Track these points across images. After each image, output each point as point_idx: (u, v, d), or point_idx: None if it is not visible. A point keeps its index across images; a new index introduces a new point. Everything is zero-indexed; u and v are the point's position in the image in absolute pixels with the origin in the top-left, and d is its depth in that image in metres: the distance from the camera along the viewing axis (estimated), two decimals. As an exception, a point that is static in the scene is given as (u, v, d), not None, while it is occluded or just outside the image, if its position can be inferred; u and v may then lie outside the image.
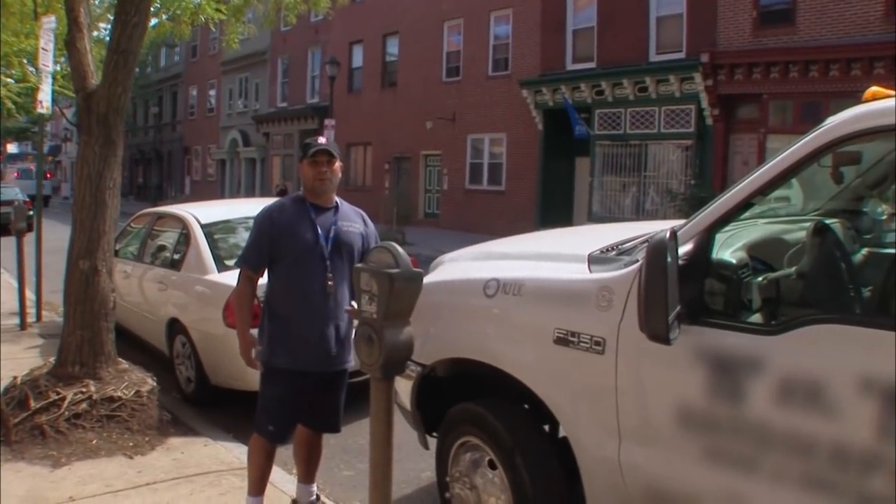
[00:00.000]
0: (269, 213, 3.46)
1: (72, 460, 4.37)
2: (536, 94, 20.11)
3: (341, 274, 3.44)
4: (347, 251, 3.47)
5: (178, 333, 6.07)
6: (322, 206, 3.47)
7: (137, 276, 7.00)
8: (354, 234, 3.52)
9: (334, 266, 3.41)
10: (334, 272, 3.40)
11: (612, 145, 18.49)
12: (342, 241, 3.45)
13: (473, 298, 3.16)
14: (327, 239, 3.40)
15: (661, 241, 2.23)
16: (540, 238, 4.57)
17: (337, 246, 3.43)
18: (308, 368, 3.40)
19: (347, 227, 3.50)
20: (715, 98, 16.13)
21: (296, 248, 3.36)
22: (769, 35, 15.35)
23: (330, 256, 3.39)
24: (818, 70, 14.48)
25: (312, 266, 3.37)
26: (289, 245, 3.37)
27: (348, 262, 3.47)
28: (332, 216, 3.48)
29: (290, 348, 3.37)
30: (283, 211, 3.45)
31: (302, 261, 3.36)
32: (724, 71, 15.85)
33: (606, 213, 18.43)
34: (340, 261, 3.44)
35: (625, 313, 2.57)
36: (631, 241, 3.18)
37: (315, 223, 3.41)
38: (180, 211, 6.79)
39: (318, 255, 3.38)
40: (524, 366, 2.95)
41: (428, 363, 3.40)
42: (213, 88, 39.96)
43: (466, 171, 23.34)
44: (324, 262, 3.38)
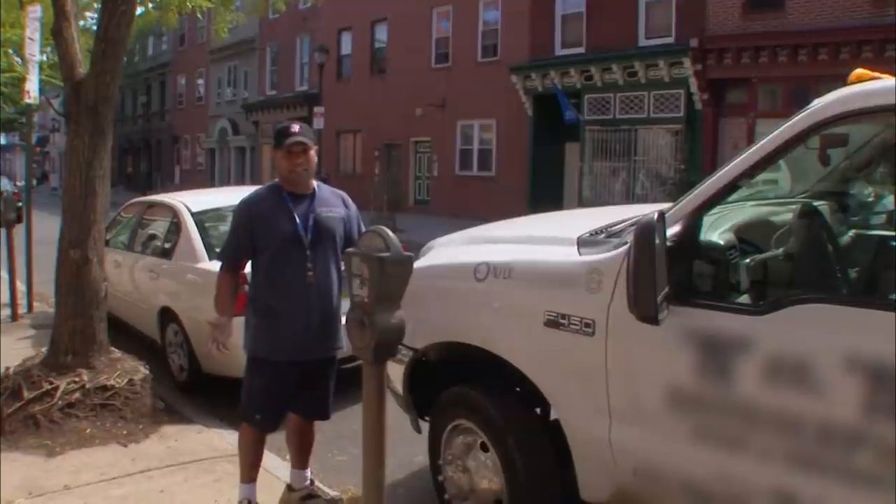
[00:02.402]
0: (245, 205, 3.42)
1: (66, 449, 4.36)
2: (526, 79, 20.07)
3: (326, 261, 3.40)
4: (329, 237, 3.42)
5: (170, 322, 6.06)
6: (299, 194, 3.40)
7: (128, 266, 6.98)
8: (335, 220, 3.46)
9: (316, 254, 3.36)
10: (316, 261, 3.35)
11: (601, 130, 18.49)
12: (322, 228, 3.39)
13: (464, 282, 3.17)
14: (306, 227, 3.34)
15: (649, 223, 2.24)
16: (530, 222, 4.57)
17: (318, 233, 3.37)
18: (293, 358, 3.38)
19: (327, 212, 3.44)
20: (704, 82, 16.16)
21: (274, 239, 3.32)
22: (758, 19, 15.37)
23: (311, 245, 3.34)
24: (807, 54, 14.53)
25: (292, 256, 3.32)
26: (267, 236, 3.32)
27: (332, 248, 3.42)
28: (309, 203, 3.40)
29: (274, 339, 3.33)
30: (259, 202, 3.40)
31: (281, 252, 3.32)
32: (714, 55, 15.89)
33: (597, 197, 18.46)
34: (323, 248, 3.39)
35: (614, 295, 2.58)
36: (620, 223, 3.19)
37: (293, 212, 3.35)
38: (171, 200, 6.77)
39: (297, 245, 3.32)
40: (515, 349, 2.96)
41: (419, 347, 3.41)
42: (202, 77, 39.70)
43: (456, 158, 23.32)
44: (304, 252, 3.32)
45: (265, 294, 3.35)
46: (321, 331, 3.41)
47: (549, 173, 20.30)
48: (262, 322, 3.37)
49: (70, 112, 5.09)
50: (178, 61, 41.84)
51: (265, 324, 3.36)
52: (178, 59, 41.85)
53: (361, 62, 27.28)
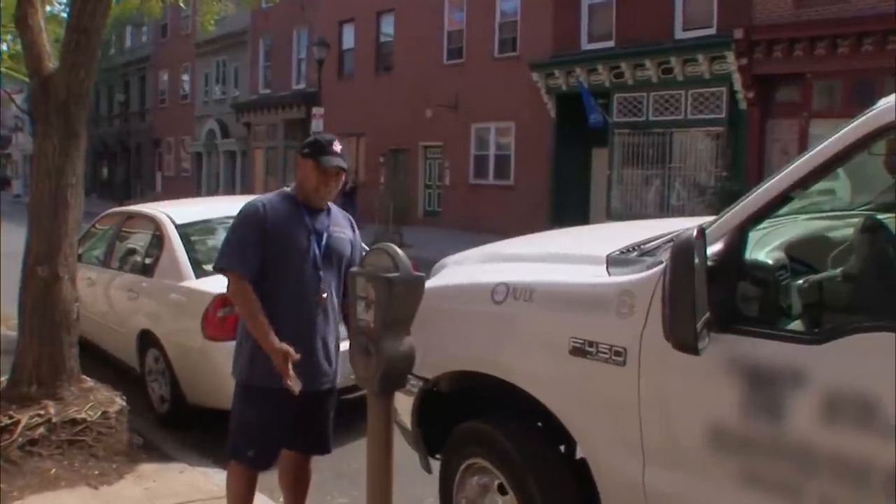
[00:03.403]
0: (258, 207, 3.39)
1: (25, 494, 4.27)
2: (548, 77, 20.13)
3: (331, 283, 3.46)
4: (338, 259, 3.49)
5: (150, 347, 6.08)
6: (315, 209, 3.46)
7: (104, 284, 7.02)
8: (345, 241, 3.54)
9: (326, 275, 3.42)
10: (326, 280, 3.42)
11: (632, 134, 18.50)
12: (333, 249, 3.46)
13: (480, 305, 3.17)
14: (320, 245, 3.40)
15: (687, 241, 2.25)
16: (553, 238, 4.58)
17: (328, 253, 3.44)
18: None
19: (339, 233, 3.52)
20: (750, 79, 16.01)
21: (289, 253, 3.34)
22: (814, 5, 14.97)
23: (322, 265, 3.40)
24: (872, 44, 14.07)
25: (305, 274, 3.36)
26: (280, 248, 3.34)
27: (338, 271, 3.49)
28: (325, 220, 3.48)
29: (267, 368, 3.30)
30: (273, 208, 3.40)
31: (294, 267, 3.35)
32: (761, 48, 15.66)
33: (627, 209, 18.43)
34: (331, 269, 3.46)
35: (648, 320, 2.58)
36: (654, 240, 3.19)
37: (309, 226, 3.40)
38: (152, 210, 6.82)
39: (310, 262, 3.38)
40: (537, 379, 2.96)
41: (430, 377, 3.41)
42: (187, 73, 39.98)
43: (471, 165, 23.37)
44: (316, 271, 3.38)
45: (269, 312, 3.33)
46: (324, 358, 3.45)
47: (574, 182, 20.30)
48: (253, 350, 3.36)
49: (37, 111, 5.03)
50: (159, 55, 42.16)
51: (258, 352, 3.34)
52: (159, 53, 42.17)
53: (365, 58, 27.45)
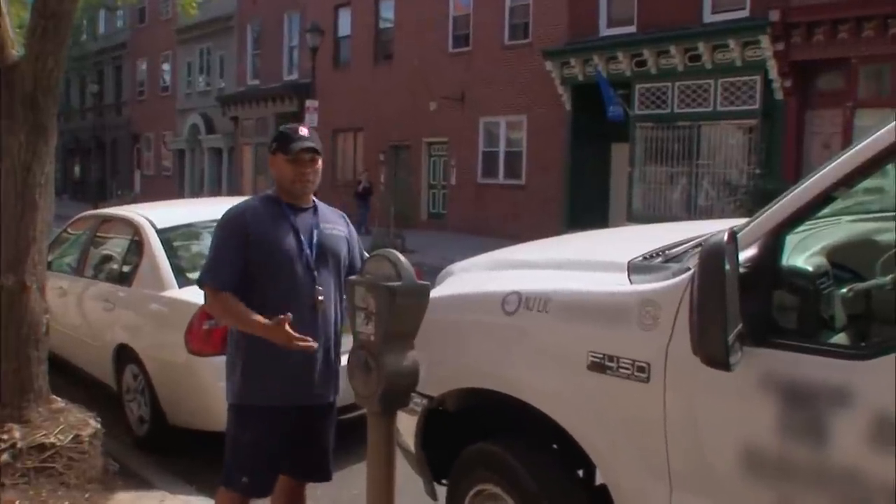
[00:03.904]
0: (239, 214, 3.45)
1: None
2: (563, 66, 20.16)
3: (329, 286, 3.48)
4: (334, 259, 3.52)
5: (128, 363, 6.09)
6: (299, 207, 3.51)
7: (76, 294, 7.04)
8: (339, 238, 3.58)
9: (321, 277, 3.45)
10: (322, 284, 3.44)
11: (656, 128, 18.50)
12: (327, 247, 3.49)
13: (490, 316, 3.18)
14: (311, 245, 3.44)
15: (717, 245, 2.25)
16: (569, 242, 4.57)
17: (322, 253, 3.47)
18: (292, 403, 3.42)
19: (331, 230, 3.55)
20: (787, 66, 15.95)
21: (276, 258, 3.37)
22: None
23: (316, 266, 3.43)
24: None
25: (298, 279, 3.39)
26: (267, 255, 3.37)
27: (335, 272, 3.51)
28: (312, 218, 3.51)
29: (271, 381, 3.36)
30: (254, 212, 3.45)
31: (285, 273, 3.38)
32: (800, 31, 15.57)
33: (650, 210, 18.44)
34: (327, 271, 3.48)
35: (673, 333, 2.59)
36: (680, 245, 3.20)
37: (296, 227, 3.44)
38: (130, 213, 6.83)
39: (303, 266, 3.40)
40: (552, 397, 2.97)
41: (436, 395, 3.41)
42: (168, 62, 40.12)
43: (478, 162, 23.41)
44: (311, 274, 3.41)
45: None
46: (324, 370, 3.46)
47: (592, 181, 20.31)
48: (253, 360, 3.38)
49: (1, 104, 5.00)
50: (137, 42, 42.29)
51: (258, 361, 3.37)
52: (137, 39, 42.30)
53: (363, 45, 27.52)
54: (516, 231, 19.45)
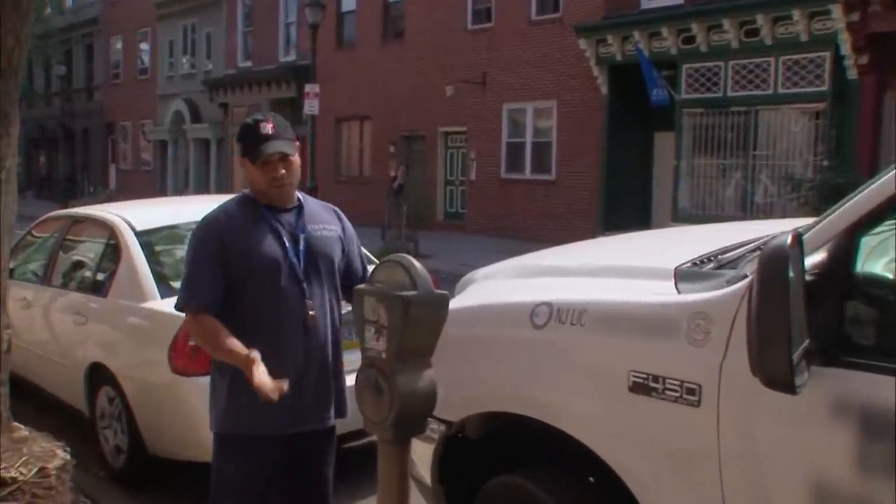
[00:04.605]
0: (212, 222, 3.45)
1: None
2: (599, 44, 20.13)
3: (322, 296, 3.48)
4: (326, 264, 3.50)
5: (102, 385, 6.10)
6: (280, 208, 3.49)
7: (43, 306, 7.07)
8: (331, 239, 3.56)
9: (312, 286, 3.44)
10: (313, 295, 3.44)
11: (706, 114, 18.44)
12: (318, 252, 3.48)
13: (517, 330, 3.19)
14: (298, 251, 3.43)
15: (779, 249, 2.24)
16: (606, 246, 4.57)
17: (312, 259, 3.45)
18: (284, 430, 3.41)
19: (320, 230, 3.53)
20: (863, 39, 15.67)
21: (258, 269, 3.37)
22: None
23: (305, 275, 3.42)
24: None
25: (284, 290, 3.38)
26: (247, 267, 3.36)
27: (329, 279, 3.51)
28: (297, 218, 3.50)
29: (259, 406, 3.29)
30: (229, 219, 3.43)
31: (269, 285, 3.37)
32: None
33: (698, 209, 18.37)
34: (319, 279, 3.48)
35: (728, 350, 2.59)
36: (735, 248, 3.19)
37: (279, 231, 3.43)
38: (105, 213, 6.84)
39: (290, 275, 3.40)
40: (588, 422, 2.97)
41: (455, 420, 3.42)
42: (146, 40, 40.29)
43: (502, 155, 23.42)
44: (299, 284, 3.40)
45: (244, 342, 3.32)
46: (319, 391, 3.47)
47: (632, 176, 20.28)
48: (240, 382, 3.33)
49: None
50: (111, 17, 42.50)
51: (243, 388, 3.31)
52: (111, 14, 42.50)
53: (370, 22, 27.59)
54: (545, 233, 19.43)
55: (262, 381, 3.13)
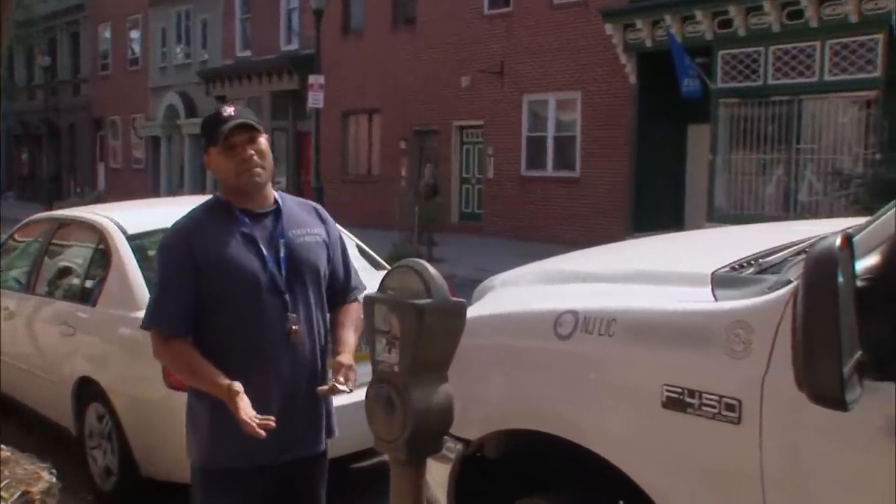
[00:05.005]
0: (180, 233, 3.38)
1: None
2: (627, 29, 20.12)
3: (307, 309, 3.40)
4: (311, 272, 3.42)
5: (91, 401, 6.13)
6: (256, 211, 3.40)
7: (27, 316, 7.10)
8: (315, 245, 3.47)
9: (296, 299, 3.36)
10: (297, 308, 3.36)
11: (744, 104, 18.40)
12: (300, 260, 3.39)
13: (539, 340, 3.18)
14: (278, 259, 3.35)
15: (827, 252, 2.23)
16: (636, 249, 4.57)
17: (294, 268, 3.37)
18: (270, 460, 3.34)
19: (302, 235, 3.44)
20: (921, 19, 15.66)
21: (234, 281, 3.29)
22: None
23: (287, 286, 3.35)
24: None
25: (263, 306, 3.30)
26: (222, 279, 3.29)
27: (314, 289, 3.43)
28: (274, 223, 3.41)
29: (240, 435, 3.20)
30: (199, 228, 3.36)
31: (247, 299, 3.29)
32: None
33: (736, 208, 18.35)
34: (303, 290, 3.39)
35: (771, 362, 2.57)
36: (778, 251, 3.18)
37: (255, 239, 3.35)
38: (94, 216, 6.86)
39: (269, 288, 3.31)
40: (617, 441, 2.96)
41: (473, 438, 3.41)
42: (137, 28, 40.44)
43: (522, 150, 23.46)
44: (281, 297, 3.32)
45: (224, 367, 3.27)
46: (308, 414, 3.41)
47: (663, 172, 20.27)
48: (218, 412, 3.28)
49: None
50: (98, 3, 42.60)
51: (222, 416, 3.24)
52: (97, 1, 42.52)
53: (379, 7, 27.66)
54: (569, 235, 19.42)
55: (248, 415, 3.06)
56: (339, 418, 4.58)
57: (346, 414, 4.92)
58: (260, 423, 3.03)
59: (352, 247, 6.84)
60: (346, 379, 3.23)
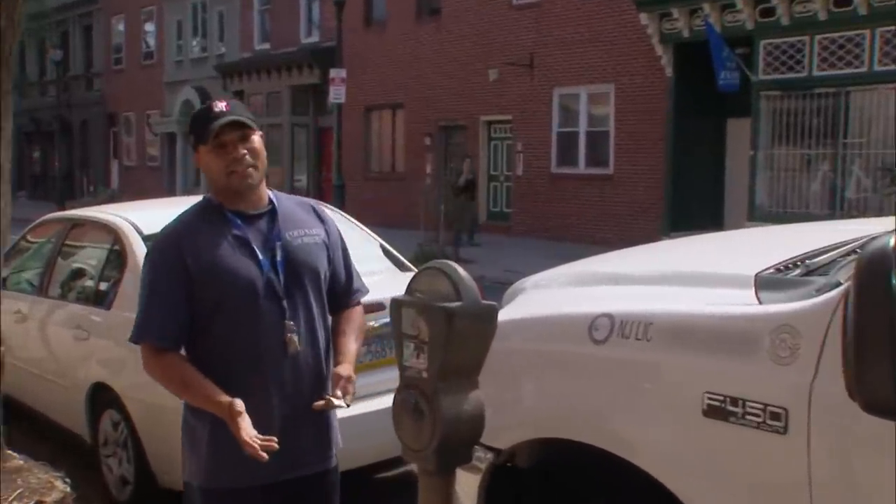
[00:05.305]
0: (170, 237, 3.31)
1: None
2: (663, 19, 20.04)
3: (309, 315, 3.34)
4: (311, 276, 3.36)
5: (106, 408, 6.16)
6: (249, 213, 3.34)
7: (39, 319, 7.14)
8: (314, 246, 3.40)
9: (295, 306, 3.30)
10: (296, 316, 3.29)
11: (787, 97, 18.30)
12: (299, 263, 3.33)
13: (573, 345, 3.18)
14: (274, 262, 3.28)
15: (881, 252, 2.22)
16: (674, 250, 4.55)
17: (293, 271, 3.31)
18: (272, 479, 3.26)
19: (300, 237, 3.37)
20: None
21: (227, 288, 3.22)
22: None
23: (285, 292, 3.28)
24: None
25: (260, 313, 3.24)
26: (215, 286, 3.22)
27: (315, 293, 3.36)
28: (270, 224, 3.35)
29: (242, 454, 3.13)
30: (193, 231, 3.29)
31: (242, 307, 3.22)
32: None
33: (779, 206, 18.25)
34: (302, 295, 3.33)
35: (819, 368, 2.55)
36: (826, 252, 3.16)
37: (249, 241, 3.28)
38: (108, 216, 6.89)
39: (266, 294, 3.24)
40: (656, 451, 2.95)
41: (504, 447, 3.41)
42: (151, 20, 40.64)
43: (553, 146, 23.43)
44: (278, 304, 3.25)
45: (220, 378, 3.21)
46: (312, 428, 3.34)
47: (701, 169, 20.19)
48: (215, 428, 3.23)
49: None
50: (113, -4, 42.88)
51: (224, 428, 3.17)
52: (113, -7, 42.87)
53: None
54: (602, 235, 19.39)
55: (250, 436, 2.98)
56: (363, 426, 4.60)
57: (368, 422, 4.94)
58: (262, 445, 2.95)
59: (375, 247, 6.87)
60: (345, 393, 3.14)
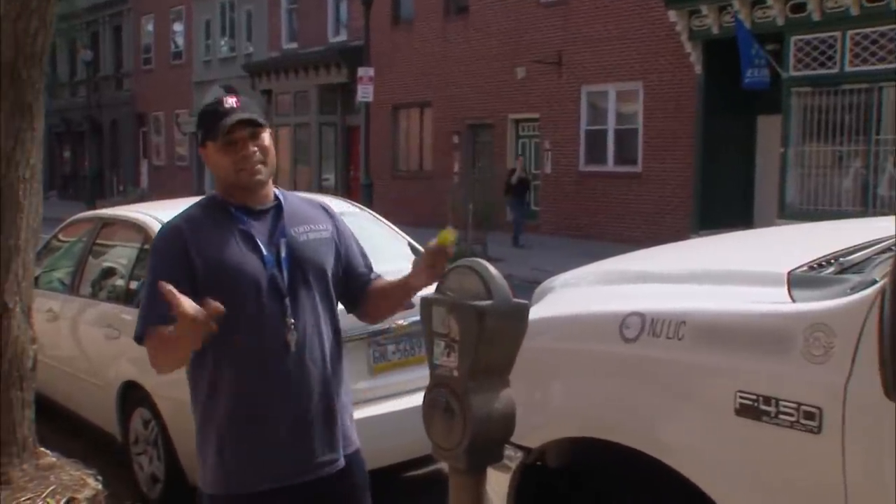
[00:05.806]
0: (172, 232, 3.26)
1: None
2: (692, 16, 19.98)
3: (313, 313, 3.29)
4: (316, 273, 3.31)
5: (137, 405, 6.19)
6: (255, 208, 3.30)
7: (70, 318, 7.18)
8: (321, 242, 3.36)
9: (298, 303, 3.25)
10: (300, 313, 3.24)
11: (818, 93, 18.20)
12: (304, 259, 3.28)
13: (603, 344, 3.17)
14: (279, 259, 3.24)
15: (915, 249, 2.20)
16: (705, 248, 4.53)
17: (297, 268, 3.26)
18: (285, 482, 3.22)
19: (305, 232, 3.33)
20: None
21: (231, 283, 3.17)
22: None
23: (289, 289, 3.24)
24: None
25: (263, 309, 3.19)
26: (219, 282, 3.15)
27: (320, 291, 3.32)
28: (275, 220, 3.31)
29: (249, 455, 3.18)
30: (197, 226, 3.24)
31: (245, 304, 3.17)
32: None
33: (810, 204, 18.16)
34: (307, 292, 3.28)
35: (854, 367, 2.54)
36: (859, 249, 3.15)
37: (254, 237, 3.24)
38: (138, 215, 6.93)
39: (269, 291, 3.20)
40: (687, 451, 2.94)
41: (534, 446, 3.41)
42: (180, 20, 40.83)
43: (580, 144, 23.39)
44: (280, 300, 3.21)
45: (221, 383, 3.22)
46: (319, 429, 3.27)
47: (731, 166, 20.12)
48: (224, 431, 3.23)
49: None
50: (142, -3, 43.10)
51: (231, 432, 3.20)
52: (142, -6, 43.09)
53: (429, -5, 27.72)
54: (631, 234, 19.33)
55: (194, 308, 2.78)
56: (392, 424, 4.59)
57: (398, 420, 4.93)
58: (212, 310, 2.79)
59: (403, 245, 6.89)
60: None
